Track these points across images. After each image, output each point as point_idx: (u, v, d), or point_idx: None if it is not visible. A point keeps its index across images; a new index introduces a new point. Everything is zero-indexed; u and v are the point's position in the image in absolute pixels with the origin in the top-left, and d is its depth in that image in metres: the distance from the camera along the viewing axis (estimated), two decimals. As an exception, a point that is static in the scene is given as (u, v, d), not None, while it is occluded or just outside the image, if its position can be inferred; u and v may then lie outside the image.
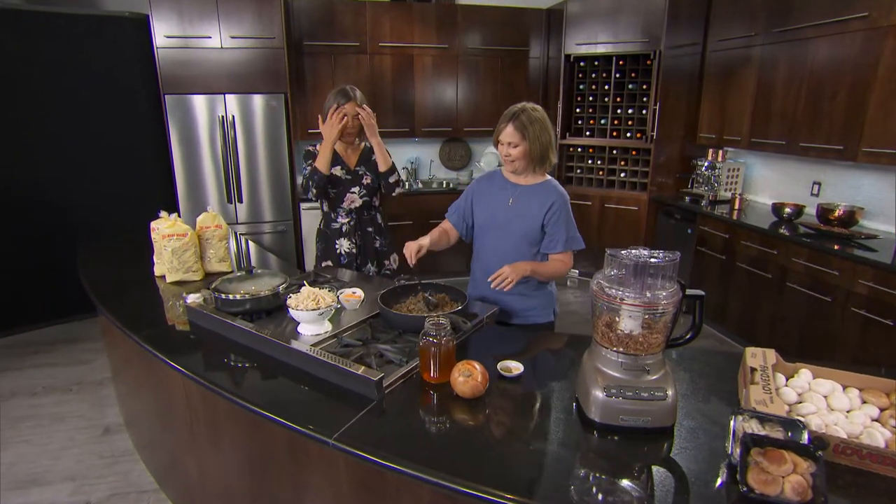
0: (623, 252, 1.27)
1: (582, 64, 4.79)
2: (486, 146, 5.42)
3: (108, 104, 4.00)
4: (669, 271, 1.25)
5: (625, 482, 1.09)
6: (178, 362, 1.56)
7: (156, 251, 2.30)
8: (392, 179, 2.44)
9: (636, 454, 1.19)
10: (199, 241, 2.25)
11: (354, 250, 2.51)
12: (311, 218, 4.49)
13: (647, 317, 1.27)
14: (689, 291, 1.30)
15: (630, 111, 4.66)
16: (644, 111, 4.57)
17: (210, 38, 3.94)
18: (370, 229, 2.55)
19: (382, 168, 2.42)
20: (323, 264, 2.55)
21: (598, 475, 1.11)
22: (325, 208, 2.56)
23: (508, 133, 1.91)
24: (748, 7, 3.83)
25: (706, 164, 4.32)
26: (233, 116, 4.08)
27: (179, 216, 2.26)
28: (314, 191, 2.42)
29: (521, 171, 2.01)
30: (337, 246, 2.51)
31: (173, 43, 3.89)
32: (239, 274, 1.87)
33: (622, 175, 4.84)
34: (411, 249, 1.91)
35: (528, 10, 4.92)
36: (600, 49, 4.58)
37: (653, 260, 1.24)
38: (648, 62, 4.41)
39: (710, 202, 4.22)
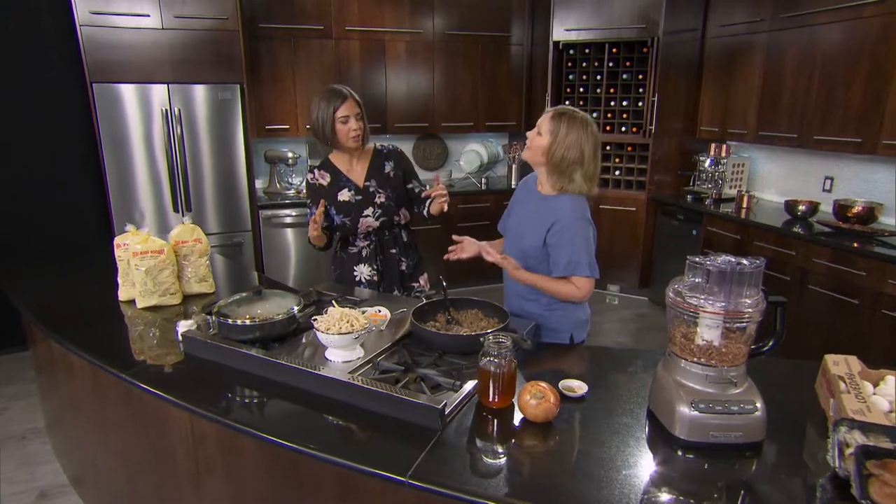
0: (707, 259, 1.36)
1: (571, 51, 4.97)
2: (466, 143, 5.52)
3: (23, 95, 3.83)
4: (755, 278, 1.34)
5: None
6: (186, 402, 1.53)
7: (121, 272, 2.23)
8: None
9: (731, 473, 1.27)
10: (175, 258, 2.20)
11: (376, 277, 2.47)
12: (273, 228, 4.44)
13: (727, 326, 1.36)
14: (770, 298, 1.41)
15: (625, 103, 4.87)
16: (640, 103, 4.78)
17: (148, 16, 3.83)
18: (394, 250, 2.49)
19: (436, 213, 2.37)
20: None
21: (699, 500, 1.18)
22: (340, 233, 2.51)
23: (544, 120, 2.00)
24: (751, -9, 4.11)
25: (709, 159, 4.57)
26: (178, 110, 3.99)
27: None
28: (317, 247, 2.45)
29: (533, 163, 2.08)
30: (356, 273, 2.48)
31: (101, 21, 3.75)
32: (243, 295, 1.85)
33: (617, 173, 5.04)
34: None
35: (509, -10, 5.09)
36: (591, 35, 4.77)
37: (739, 267, 1.33)
38: (645, 49, 4.63)
39: (715, 200, 4.46)
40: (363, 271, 2.47)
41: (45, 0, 3.81)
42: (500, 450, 1.34)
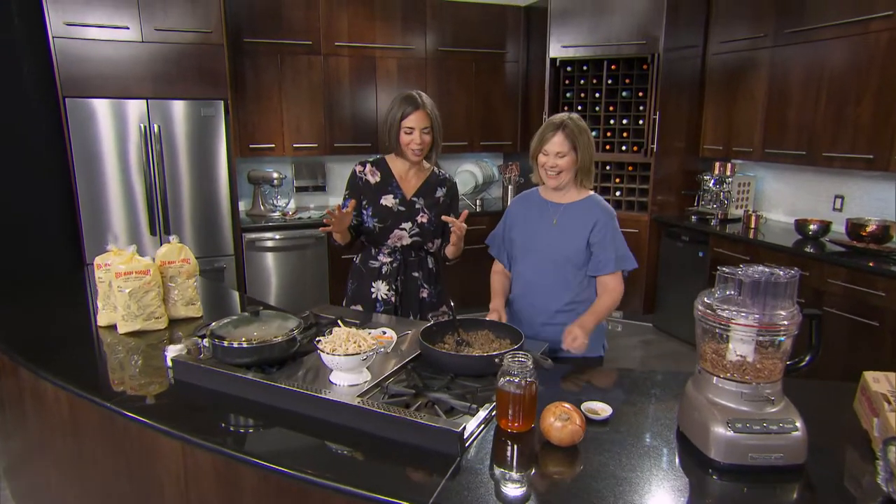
0: (739, 269, 1.36)
1: (569, 68, 5.06)
2: (459, 164, 5.55)
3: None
4: (790, 290, 1.35)
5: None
6: (179, 430, 1.49)
7: (101, 294, 2.19)
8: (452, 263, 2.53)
9: (772, 498, 1.26)
10: (161, 279, 2.17)
11: (394, 298, 2.43)
12: (256, 252, 4.40)
13: (761, 340, 1.36)
14: (805, 311, 1.41)
15: (625, 122, 4.95)
16: (641, 121, 4.87)
17: (127, 28, 3.84)
18: (416, 274, 2.46)
19: (451, 256, 2.43)
20: (352, 308, 2.47)
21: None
22: (365, 242, 2.49)
23: (557, 142, 2.08)
24: (753, 6, 4.23)
25: (713, 178, 4.64)
26: (157, 127, 3.98)
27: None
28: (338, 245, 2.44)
29: (564, 185, 2.16)
30: (373, 290, 2.44)
31: (76, 33, 3.75)
32: (238, 317, 1.82)
33: (618, 194, 5.09)
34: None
35: (505, 7, 5.19)
36: (589, 52, 4.87)
37: (774, 277, 1.33)
38: (645, 66, 4.73)
39: (721, 221, 4.52)
40: (381, 289, 2.43)
41: (15, 10, 3.80)
42: (526, 476, 1.32)
